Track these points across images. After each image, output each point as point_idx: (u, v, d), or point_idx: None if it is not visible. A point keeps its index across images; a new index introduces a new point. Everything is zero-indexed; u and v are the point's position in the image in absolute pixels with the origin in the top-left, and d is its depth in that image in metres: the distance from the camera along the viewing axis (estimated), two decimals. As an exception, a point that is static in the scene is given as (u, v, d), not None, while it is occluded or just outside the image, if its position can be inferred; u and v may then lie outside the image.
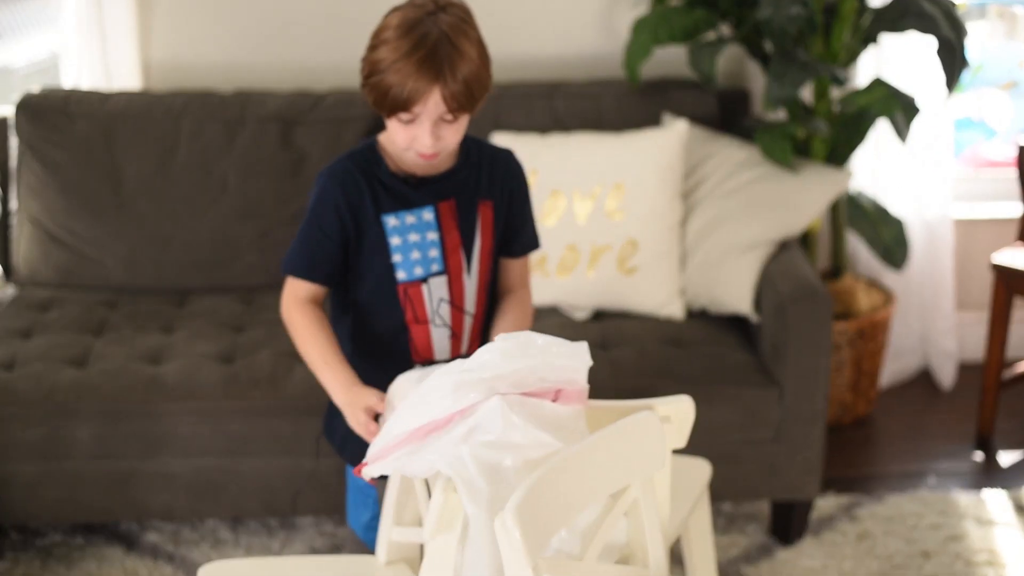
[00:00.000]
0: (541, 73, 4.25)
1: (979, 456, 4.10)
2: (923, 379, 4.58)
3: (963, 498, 3.80)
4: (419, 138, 2.41)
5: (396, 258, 2.52)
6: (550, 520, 2.13)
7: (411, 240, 2.51)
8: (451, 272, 2.55)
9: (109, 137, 3.88)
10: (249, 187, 3.87)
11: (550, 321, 3.65)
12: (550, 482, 2.12)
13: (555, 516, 2.15)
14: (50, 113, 3.89)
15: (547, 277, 3.72)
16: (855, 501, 3.78)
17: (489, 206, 2.59)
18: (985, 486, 3.90)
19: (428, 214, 2.52)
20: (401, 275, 2.52)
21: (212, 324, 3.66)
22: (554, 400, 2.34)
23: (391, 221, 2.51)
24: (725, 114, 4.09)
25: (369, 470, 2.31)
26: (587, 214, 3.70)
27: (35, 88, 4.01)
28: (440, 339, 2.57)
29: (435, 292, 2.54)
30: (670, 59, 4.15)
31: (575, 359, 2.35)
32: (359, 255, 2.53)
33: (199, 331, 3.61)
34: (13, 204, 3.97)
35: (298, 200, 3.86)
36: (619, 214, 3.69)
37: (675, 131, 3.74)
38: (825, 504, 3.76)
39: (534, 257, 3.73)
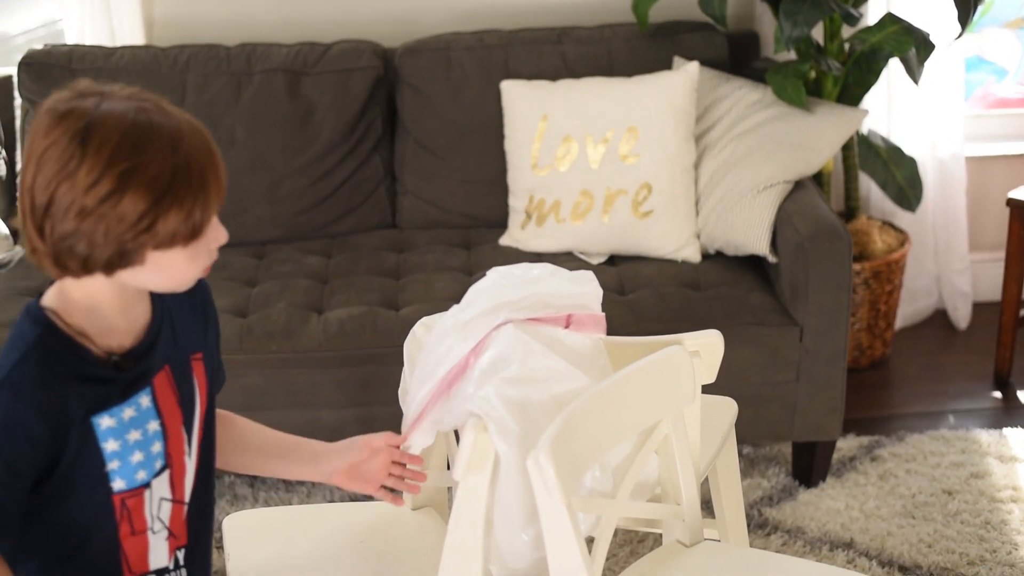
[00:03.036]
0: (549, 19, 4.20)
1: (998, 395, 4.08)
2: (938, 320, 4.56)
3: (984, 436, 3.78)
4: (218, 238, 1.79)
5: (113, 465, 1.89)
6: (582, 457, 2.11)
7: (131, 440, 1.90)
8: (174, 462, 1.98)
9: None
10: (257, 140, 3.83)
11: (565, 266, 3.59)
12: (581, 419, 2.09)
13: (587, 453, 2.13)
14: (54, 70, 3.85)
15: (561, 223, 3.69)
16: (876, 442, 3.76)
17: (200, 358, 2.03)
18: (1006, 424, 3.87)
19: (145, 399, 1.91)
20: (119, 484, 1.90)
21: (225, 279, 3.62)
22: (566, 327, 2.31)
23: (104, 422, 1.86)
24: (735, 57, 4.05)
25: (410, 444, 2.28)
26: (600, 159, 3.67)
27: (38, 45, 3.96)
28: (158, 544, 1.99)
29: (157, 492, 1.96)
30: (679, 2, 4.11)
31: (582, 285, 2.32)
32: (58, 471, 1.86)
33: (212, 286, 3.55)
34: (19, 164, 3.93)
35: (307, 151, 3.82)
36: (633, 158, 3.65)
37: (687, 73, 3.70)
38: (845, 445, 3.73)
39: (548, 202, 3.70)
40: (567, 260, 3.69)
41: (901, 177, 4.19)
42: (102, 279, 1.75)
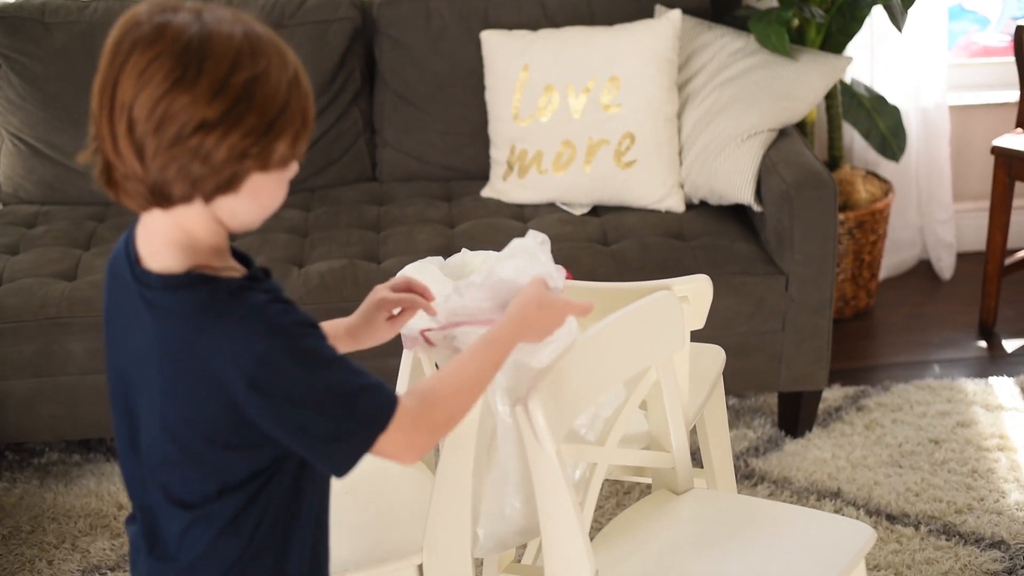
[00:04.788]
0: (528, -31, 4.15)
1: (983, 344, 4.06)
2: (922, 270, 4.54)
3: (970, 385, 3.76)
4: (294, 168, 1.62)
5: None
6: (571, 404, 2.08)
7: None
8: None
9: (88, 46, 3.78)
10: (234, 93, 3.77)
11: (548, 218, 3.59)
12: (570, 366, 2.06)
13: (576, 400, 2.09)
14: (26, 24, 3.79)
15: (543, 174, 3.65)
16: (861, 392, 3.74)
17: None
18: (991, 373, 3.86)
19: None
20: None
21: (203, 233, 3.57)
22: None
23: None
24: (717, 4, 4.00)
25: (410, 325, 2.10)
26: (582, 108, 3.62)
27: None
28: None
29: None
30: (659, -50, 4.06)
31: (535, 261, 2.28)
32: None
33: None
34: None
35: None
36: (615, 107, 3.61)
37: (668, 21, 3.65)
38: (831, 396, 3.71)
39: (530, 153, 3.66)
40: (550, 211, 3.65)
41: (884, 126, 4.16)
42: (199, 214, 1.56)
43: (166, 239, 1.57)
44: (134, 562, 1.75)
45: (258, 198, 1.57)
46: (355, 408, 1.58)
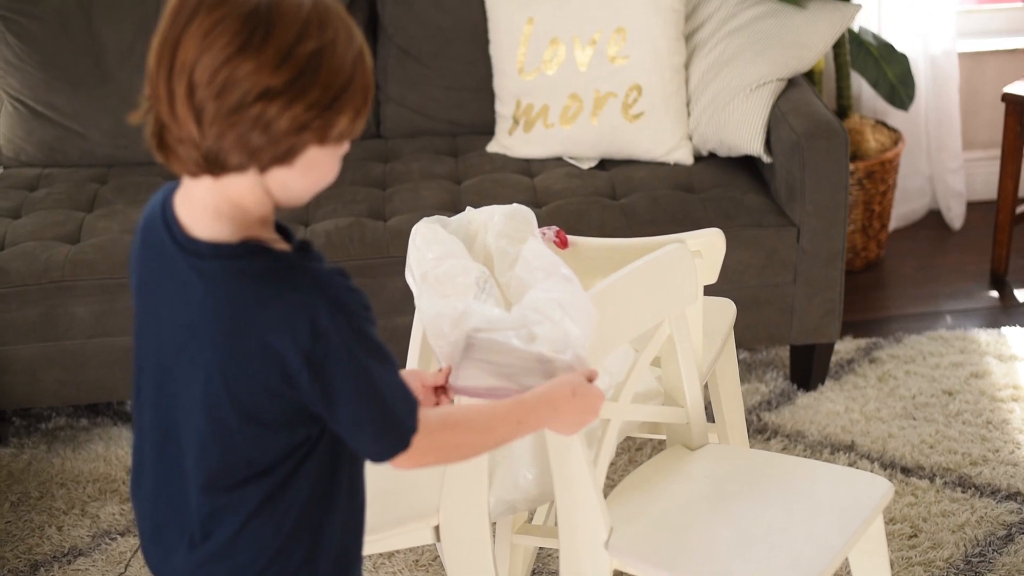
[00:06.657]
0: (530, -80, 4.09)
1: (994, 294, 4.03)
2: (932, 220, 4.50)
3: (982, 336, 3.73)
4: (346, 146, 1.58)
5: None
6: (584, 360, 2.05)
7: None
8: None
9: (87, 5, 3.73)
10: (235, 51, 3.73)
11: (555, 172, 3.55)
12: (582, 321, 2.03)
13: (589, 356, 2.06)
14: (23, -16, 3.74)
15: (550, 128, 3.60)
16: (873, 344, 3.71)
17: None
18: (1004, 323, 3.83)
19: None
20: None
21: (207, 193, 3.53)
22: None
23: None
24: (723, -46, 3.95)
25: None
26: (588, 61, 3.58)
27: (6, -41, 3.85)
28: None
29: None
30: (663, -101, 3.99)
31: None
32: None
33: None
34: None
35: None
36: (621, 59, 3.57)
37: (674, -29, 3.60)
38: (843, 348, 3.68)
39: (536, 107, 3.62)
40: (557, 165, 3.61)
41: (893, 75, 4.11)
42: (249, 185, 1.51)
43: (211, 208, 1.53)
44: (159, 553, 1.70)
45: (311, 173, 1.52)
46: (395, 406, 1.56)
